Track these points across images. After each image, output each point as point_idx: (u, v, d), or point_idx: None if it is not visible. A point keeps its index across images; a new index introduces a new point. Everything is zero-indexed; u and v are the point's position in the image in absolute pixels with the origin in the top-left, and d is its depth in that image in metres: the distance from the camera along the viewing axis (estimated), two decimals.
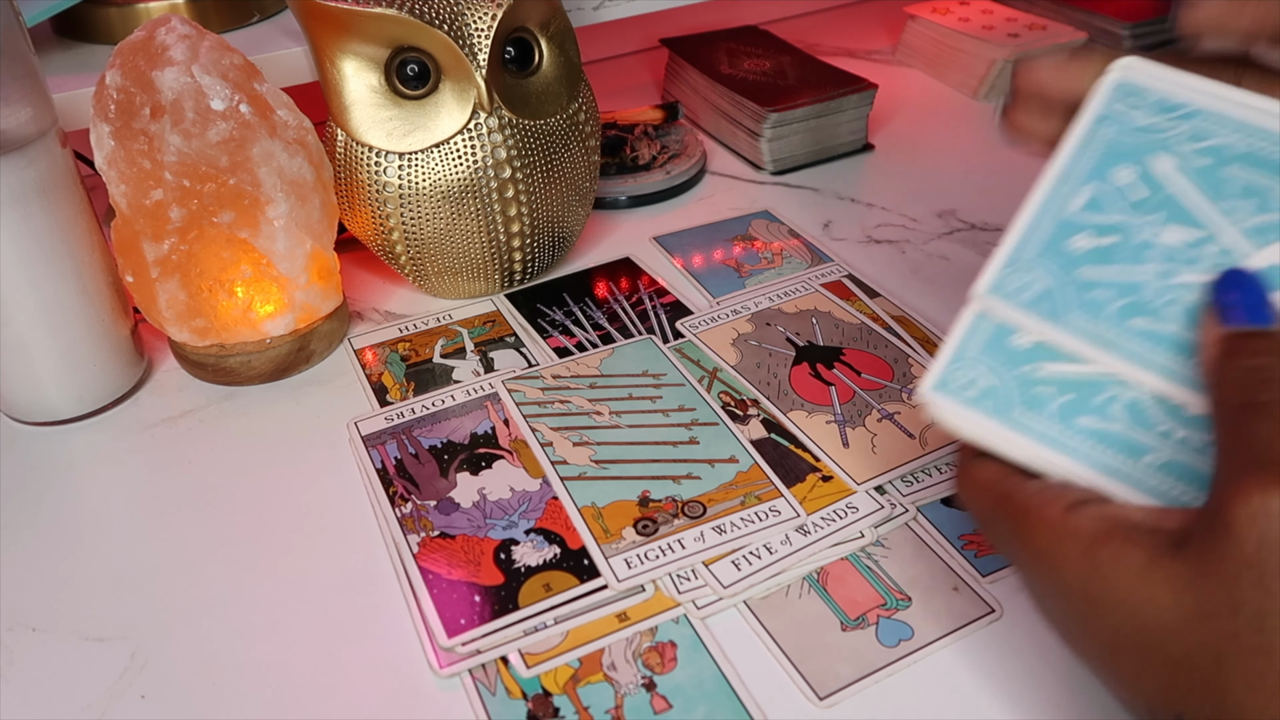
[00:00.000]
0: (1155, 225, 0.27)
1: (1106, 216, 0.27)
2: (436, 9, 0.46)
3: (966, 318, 0.29)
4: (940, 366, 0.29)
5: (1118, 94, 0.28)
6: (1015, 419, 0.28)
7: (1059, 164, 0.28)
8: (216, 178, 0.43)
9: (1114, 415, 0.27)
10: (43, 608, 0.38)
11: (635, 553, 0.38)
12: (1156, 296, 0.27)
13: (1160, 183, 0.27)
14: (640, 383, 0.47)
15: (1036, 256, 0.28)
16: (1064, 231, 0.28)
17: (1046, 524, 0.26)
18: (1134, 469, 0.26)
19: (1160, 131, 0.27)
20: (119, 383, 0.48)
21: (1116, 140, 0.27)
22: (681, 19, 0.77)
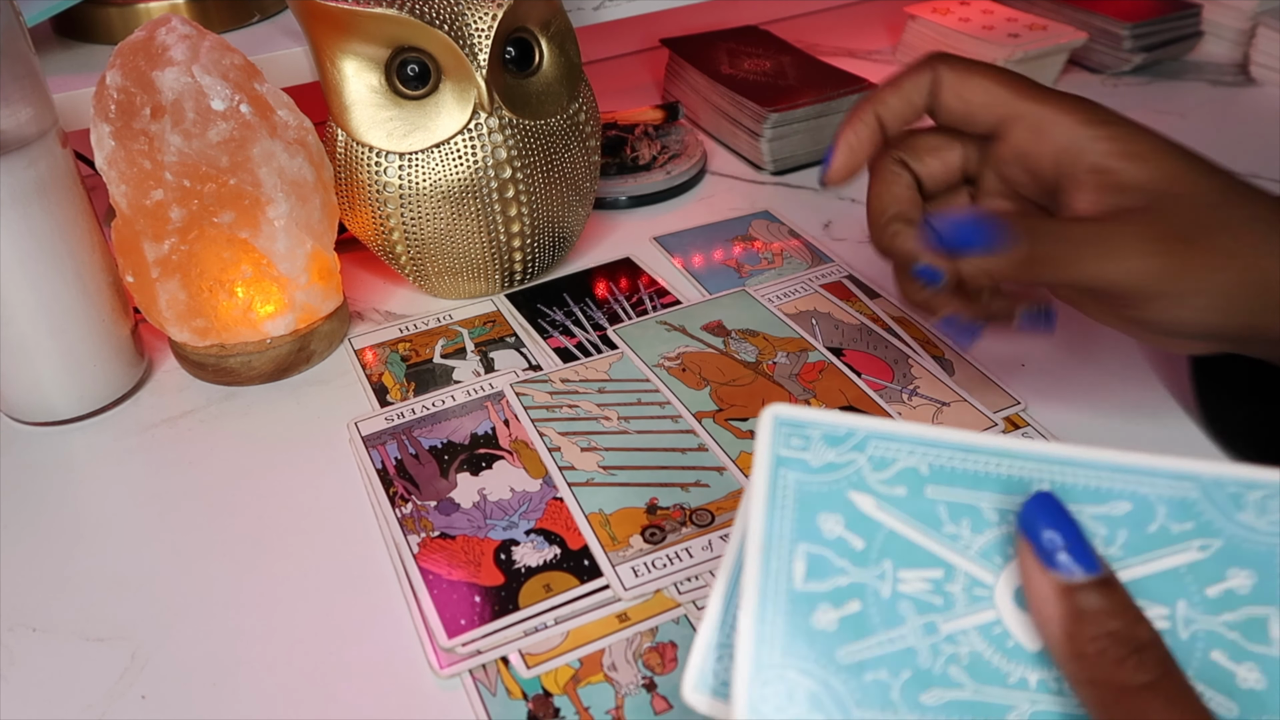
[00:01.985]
0: (890, 575, 0.24)
1: (836, 580, 0.24)
2: (437, 9, 0.46)
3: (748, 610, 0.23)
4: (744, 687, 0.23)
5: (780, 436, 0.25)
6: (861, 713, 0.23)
7: (757, 531, 0.24)
8: (217, 178, 0.43)
9: (959, 679, 0.23)
10: (43, 608, 0.38)
11: (643, 561, 0.38)
12: (934, 659, 0.23)
13: (870, 525, 0.24)
14: (648, 388, 0.47)
15: (783, 653, 0.23)
16: (801, 609, 0.23)
17: None
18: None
19: (843, 468, 0.24)
20: (119, 383, 0.48)
21: (804, 487, 0.24)
22: (681, 19, 0.77)
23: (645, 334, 0.51)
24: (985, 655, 0.24)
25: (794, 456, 0.24)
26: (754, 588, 0.23)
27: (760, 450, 0.25)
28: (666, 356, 0.49)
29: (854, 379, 0.47)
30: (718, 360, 0.48)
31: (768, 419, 0.25)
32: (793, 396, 0.46)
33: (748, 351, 0.49)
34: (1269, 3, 0.79)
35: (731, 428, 0.44)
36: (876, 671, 0.23)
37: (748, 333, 0.50)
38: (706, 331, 0.51)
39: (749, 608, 0.23)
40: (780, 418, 0.25)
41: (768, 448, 0.24)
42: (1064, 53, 0.78)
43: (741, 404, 0.45)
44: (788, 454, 0.24)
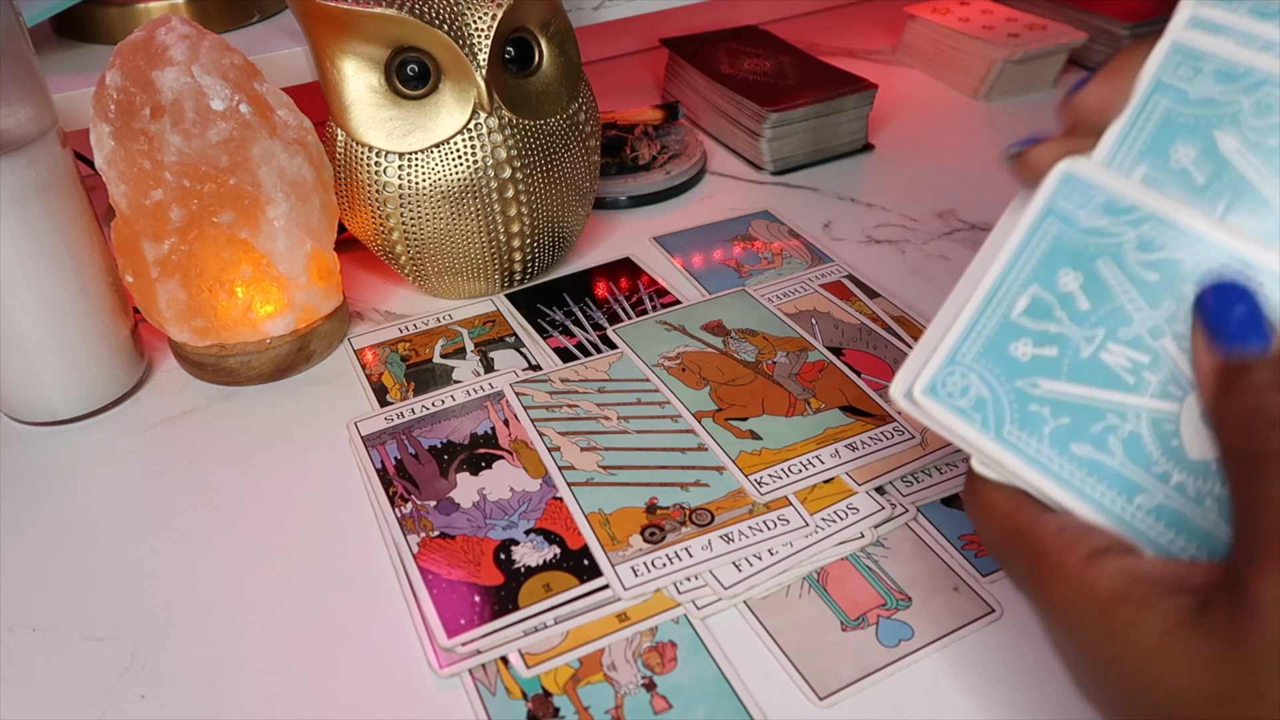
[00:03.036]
0: (1098, 342, 0.25)
1: (1047, 325, 0.26)
2: (436, 9, 0.46)
3: (966, 314, 0.27)
4: (933, 368, 0.27)
5: (1063, 190, 0.26)
6: (1006, 437, 0.26)
7: (1002, 260, 0.26)
8: (216, 178, 0.43)
9: (1110, 448, 0.25)
10: (43, 608, 0.38)
11: (642, 560, 0.38)
12: (1096, 422, 0.25)
13: (1106, 294, 0.25)
14: (648, 387, 0.47)
15: (975, 359, 0.26)
16: (1004, 335, 0.26)
17: (1064, 573, 0.24)
18: (1124, 509, 0.25)
19: (1107, 235, 0.25)
20: (119, 383, 0.48)
21: (1061, 240, 0.26)
22: (681, 19, 0.77)
23: (645, 334, 0.51)
24: (1144, 440, 0.25)
25: (1066, 211, 0.25)
26: (979, 301, 0.26)
27: (1039, 194, 0.26)
28: (666, 356, 0.49)
29: (854, 378, 0.47)
30: (717, 360, 0.48)
31: (1059, 172, 0.26)
32: (792, 396, 0.46)
33: (747, 351, 0.49)
34: None
35: (731, 427, 0.44)
36: (1041, 407, 0.25)
37: (747, 332, 0.50)
38: (706, 331, 0.51)
39: (969, 312, 0.26)
40: (1071, 174, 0.25)
41: (1046, 196, 0.26)
42: (1064, 53, 0.78)
43: (741, 404, 0.45)
44: (1062, 207, 0.26)
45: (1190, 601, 0.22)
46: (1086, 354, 0.25)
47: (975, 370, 0.26)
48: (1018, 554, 0.25)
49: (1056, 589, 0.24)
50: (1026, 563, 0.25)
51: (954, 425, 0.26)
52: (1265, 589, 0.21)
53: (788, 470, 0.41)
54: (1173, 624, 0.22)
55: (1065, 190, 0.25)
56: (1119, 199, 0.25)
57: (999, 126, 0.73)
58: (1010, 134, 0.75)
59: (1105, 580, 0.23)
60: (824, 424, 0.44)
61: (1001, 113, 0.75)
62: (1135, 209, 0.25)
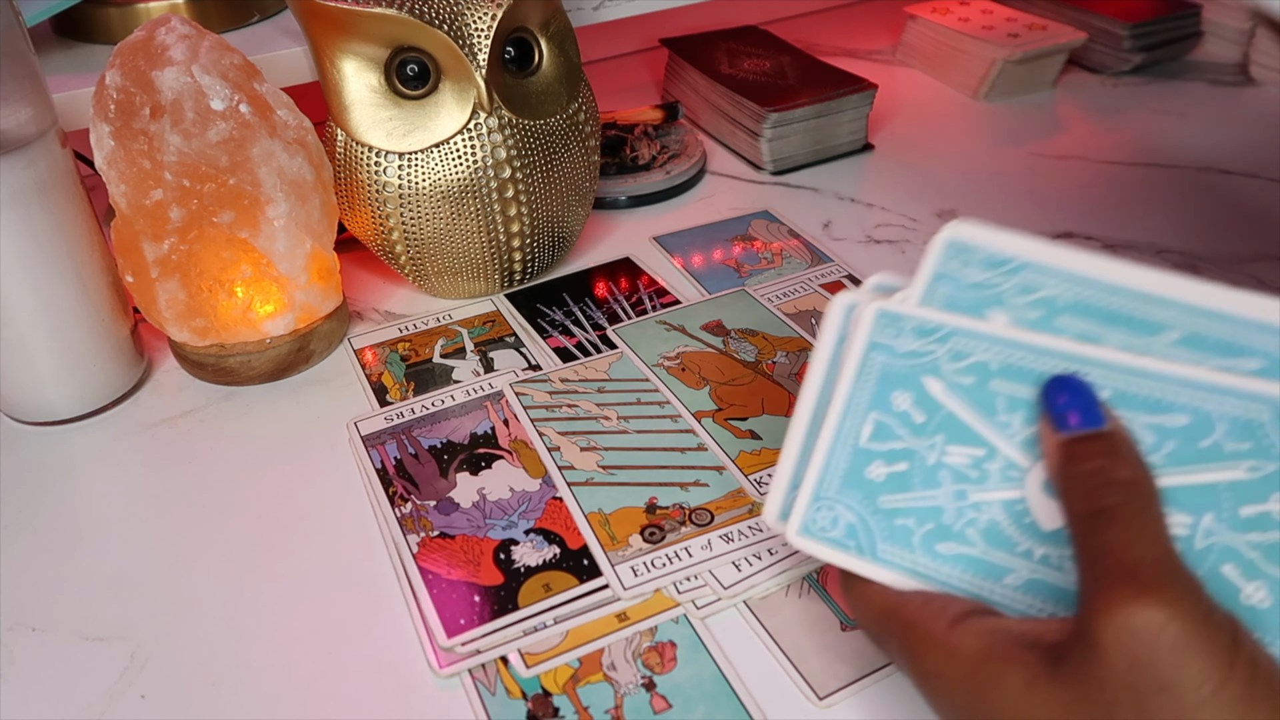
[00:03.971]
0: (940, 448, 0.28)
1: (893, 444, 0.28)
2: (436, 9, 0.46)
3: (820, 452, 0.29)
4: (802, 509, 0.29)
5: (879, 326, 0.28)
6: (881, 555, 0.28)
7: (841, 395, 0.29)
8: (216, 178, 0.43)
9: (971, 539, 0.28)
10: (43, 608, 0.38)
11: (642, 560, 0.38)
12: (956, 519, 0.28)
13: (934, 405, 0.28)
14: (648, 387, 0.47)
15: (838, 491, 0.29)
16: (859, 462, 0.29)
17: (932, 642, 0.26)
18: (997, 591, 0.27)
19: (923, 356, 0.28)
20: (119, 383, 0.48)
21: (887, 368, 0.28)
22: (681, 19, 0.77)
23: (645, 334, 0.51)
24: (1002, 525, 0.27)
25: (885, 343, 0.28)
26: (829, 438, 0.29)
27: (859, 335, 0.28)
28: (666, 356, 0.49)
29: None
30: (717, 360, 0.48)
31: (871, 312, 0.28)
32: (792, 396, 0.46)
33: (747, 351, 0.49)
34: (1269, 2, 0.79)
35: (731, 427, 0.44)
36: (906, 519, 0.28)
37: (747, 332, 0.50)
38: (706, 331, 0.51)
39: (822, 449, 0.29)
40: (882, 311, 0.28)
41: (866, 335, 0.28)
42: (1064, 53, 0.78)
43: (741, 403, 0.45)
44: (881, 340, 0.28)
45: (1048, 654, 0.24)
46: (932, 461, 0.28)
47: (840, 501, 0.29)
48: (891, 631, 0.27)
49: (926, 657, 0.26)
50: (899, 636, 0.27)
51: (833, 558, 0.29)
52: (1105, 627, 0.22)
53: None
54: (1032, 677, 0.24)
55: (880, 326, 0.28)
56: (925, 322, 0.28)
57: (999, 126, 0.73)
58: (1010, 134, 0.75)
59: (969, 642, 0.25)
60: None
61: (1001, 113, 0.75)
62: (940, 328, 0.27)
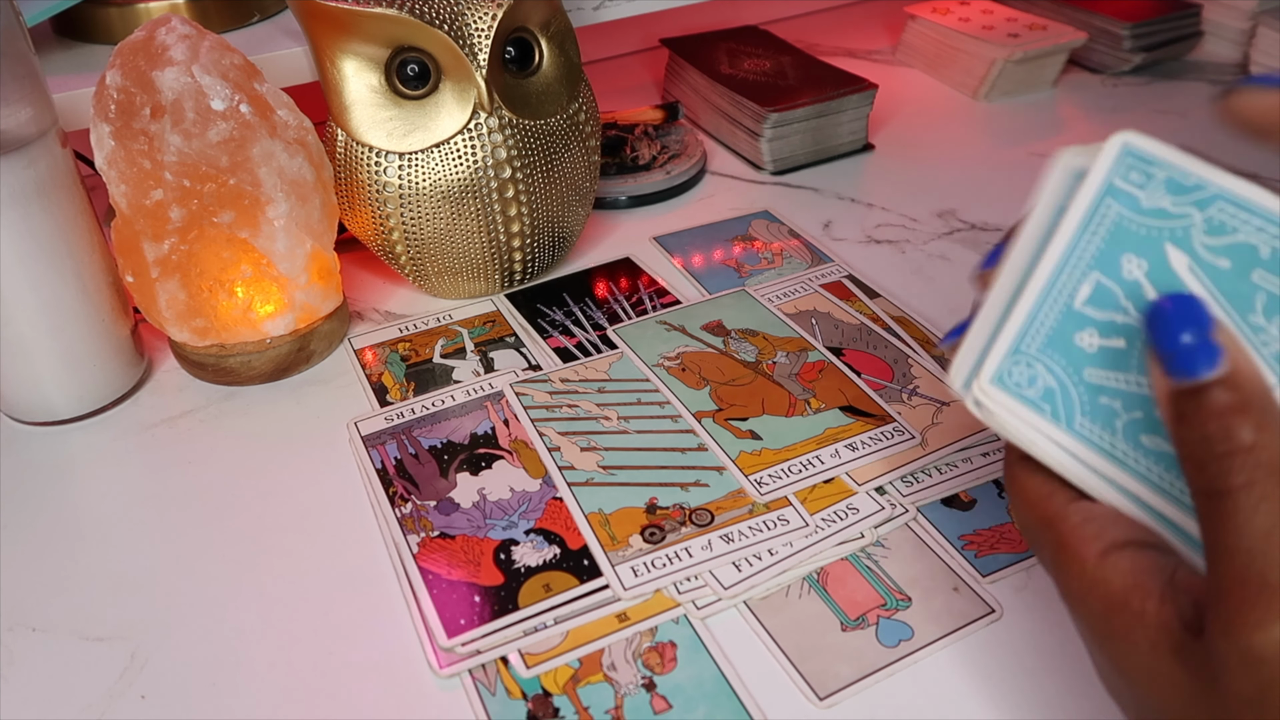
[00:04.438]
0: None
1: (1113, 315, 0.24)
2: (436, 9, 0.46)
3: (1026, 302, 0.25)
4: (998, 358, 0.25)
5: (1122, 166, 0.24)
6: (1078, 429, 0.25)
7: (1060, 243, 0.25)
8: (216, 178, 0.43)
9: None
10: (43, 608, 0.38)
11: (642, 560, 0.38)
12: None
13: (1177, 282, 0.23)
14: (648, 387, 0.47)
15: (1040, 349, 0.25)
16: (1069, 324, 0.25)
17: (1081, 565, 0.24)
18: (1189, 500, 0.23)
19: (1172, 219, 0.23)
20: (119, 383, 0.48)
21: (1123, 222, 0.24)
22: (681, 19, 0.77)
23: (645, 334, 0.51)
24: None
25: (1127, 190, 0.24)
26: (1038, 288, 0.25)
27: (1095, 172, 0.24)
28: (666, 356, 0.49)
29: (854, 378, 0.47)
30: (717, 360, 0.48)
31: (1115, 145, 0.24)
32: (792, 396, 0.46)
33: (747, 351, 0.49)
34: (1269, 2, 0.79)
35: (731, 427, 0.44)
36: (1112, 400, 0.24)
37: (747, 332, 0.50)
38: (706, 331, 0.51)
39: (1029, 300, 0.25)
40: (1129, 148, 0.24)
41: (1104, 173, 0.24)
42: (1064, 53, 0.78)
43: (741, 404, 0.45)
44: (1122, 185, 0.24)
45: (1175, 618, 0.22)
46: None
47: (1041, 360, 0.25)
48: (1045, 541, 0.25)
49: (1072, 580, 0.24)
50: (1051, 550, 0.25)
51: (1024, 415, 0.25)
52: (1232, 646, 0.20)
53: (788, 470, 0.41)
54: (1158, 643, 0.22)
55: (1123, 167, 0.24)
56: (1183, 176, 0.23)
57: (999, 126, 0.73)
58: (1010, 134, 0.75)
59: (1114, 578, 0.23)
60: (824, 424, 0.44)
61: (1001, 113, 0.75)
62: (1201, 187, 0.23)
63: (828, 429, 0.44)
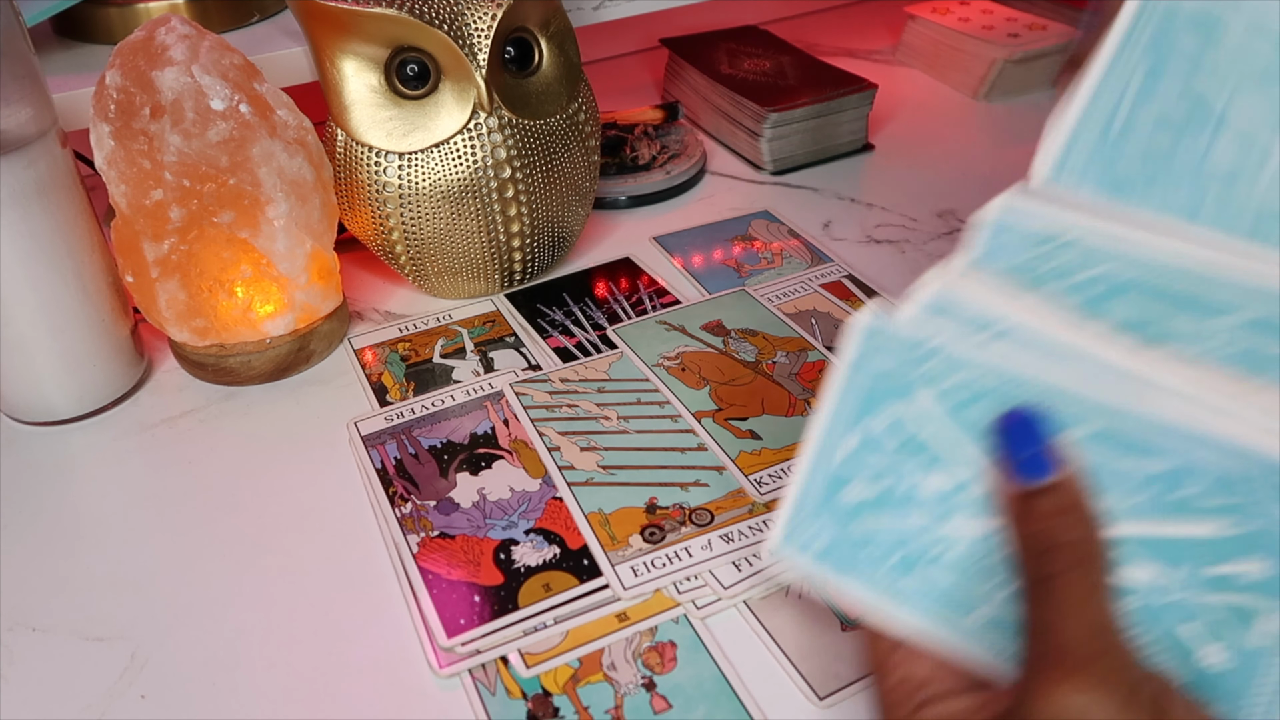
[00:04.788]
0: (917, 472, 0.27)
1: (874, 463, 0.27)
2: (436, 9, 0.46)
3: (801, 469, 0.28)
4: (784, 520, 0.28)
5: (866, 339, 0.27)
6: (856, 575, 0.27)
7: (825, 410, 0.28)
8: (216, 178, 0.43)
9: (941, 572, 0.26)
10: (43, 608, 0.38)
11: (642, 560, 0.38)
12: (926, 550, 0.26)
13: (912, 429, 0.27)
14: (648, 387, 0.47)
15: (816, 508, 0.28)
16: (836, 483, 0.28)
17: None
18: (963, 625, 0.26)
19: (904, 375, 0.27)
20: (119, 383, 0.48)
21: (870, 387, 0.27)
22: (681, 19, 0.77)
23: (645, 334, 0.51)
24: (973, 558, 0.26)
25: (868, 361, 0.27)
26: (810, 455, 0.28)
27: (844, 352, 0.28)
28: (666, 356, 0.49)
29: None
30: (717, 360, 0.48)
31: (856, 330, 0.27)
32: (792, 396, 0.46)
33: (747, 351, 0.49)
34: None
35: (731, 427, 0.44)
36: (876, 546, 0.27)
37: (747, 332, 0.50)
38: (706, 331, 0.51)
39: (803, 467, 0.28)
40: (868, 329, 0.27)
41: (851, 352, 0.28)
42: (1064, 53, 0.78)
43: (741, 403, 0.45)
44: (864, 358, 0.27)
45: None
46: (905, 488, 0.27)
47: (816, 521, 0.28)
48: (872, 688, 0.27)
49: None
50: (876, 695, 0.27)
51: (809, 574, 0.28)
52: (1039, 710, 0.22)
53: (788, 470, 0.41)
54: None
55: (865, 342, 0.27)
56: (909, 341, 0.27)
57: (999, 126, 0.73)
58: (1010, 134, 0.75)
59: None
60: None
61: (1001, 113, 0.75)
62: (921, 344, 0.27)
63: None
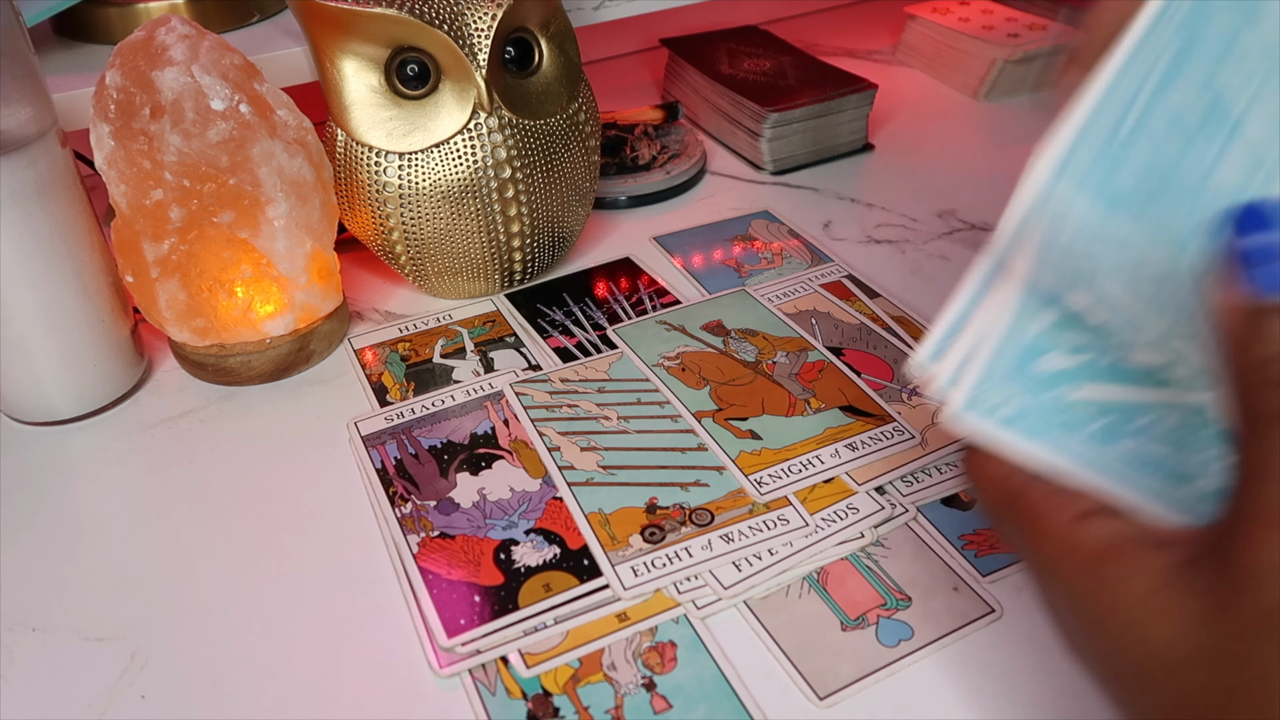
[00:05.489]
0: (1122, 349, 0.25)
1: (1073, 337, 0.26)
2: (436, 9, 0.46)
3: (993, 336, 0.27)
4: (968, 386, 0.27)
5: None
6: (1053, 442, 0.26)
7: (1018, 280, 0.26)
8: (216, 178, 0.43)
9: (1158, 438, 0.25)
10: (43, 608, 0.38)
11: (642, 560, 0.38)
12: (1135, 418, 0.25)
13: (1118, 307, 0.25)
14: (648, 387, 0.47)
15: (1009, 373, 0.26)
16: (1032, 353, 0.26)
17: (1053, 532, 0.24)
18: (1182, 494, 0.24)
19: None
20: (119, 383, 0.48)
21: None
22: (681, 19, 0.77)
23: (645, 334, 0.51)
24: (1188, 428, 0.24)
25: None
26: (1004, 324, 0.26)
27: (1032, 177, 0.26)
28: (666, 356, 0.49)
29: (854, 378, 0.47)
30: (717, 360, 0.48)
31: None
32: (792, 396, 0.46)
33: (747, 351, 0.49)
34: None
35: (731, 427, 0.44)
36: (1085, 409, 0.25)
37: (747, 332, 0.50)
38: (706, 331, 0.51)
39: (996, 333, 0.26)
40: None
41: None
42: (1064, 53, 0.77)
43: (741, 403, 0.45)
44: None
45: (1176, 560, 0.22)
46: (1109, 362, 0.25)
47: (1008, 387, 0.26)
48: (1012, 516, 0.25)
49: (1046, 547, 0.24)
50: (1019, 523, 0.25)
51: (998, 439, 0.26)
52: (1256, 556, 0.20)
53: (788, 470, 0.41)
54: (1157, 583, 0.22)
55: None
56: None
57: (999, 126, 0.73)
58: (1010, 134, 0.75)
59: (1092, 539, 0.23)
60: (824, 424, 0.44)
61: (1001, 113, 0.75)
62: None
63: (827, 429, 0.44)
